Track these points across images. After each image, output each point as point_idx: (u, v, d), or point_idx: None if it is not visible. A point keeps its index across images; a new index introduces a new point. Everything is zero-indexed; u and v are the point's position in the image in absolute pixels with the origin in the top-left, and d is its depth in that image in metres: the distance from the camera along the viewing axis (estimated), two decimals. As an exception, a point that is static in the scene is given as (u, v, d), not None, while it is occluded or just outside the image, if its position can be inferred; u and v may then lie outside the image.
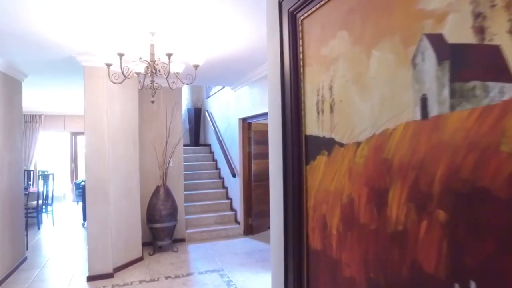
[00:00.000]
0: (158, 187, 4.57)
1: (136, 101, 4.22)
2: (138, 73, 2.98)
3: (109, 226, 3.63)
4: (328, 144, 0.96)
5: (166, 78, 2.76)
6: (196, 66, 2.83)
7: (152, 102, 2.80)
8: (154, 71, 2.74)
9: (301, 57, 1.08)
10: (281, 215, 1.21)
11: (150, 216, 4.44)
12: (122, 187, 3.89)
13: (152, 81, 2.79)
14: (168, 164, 4.67)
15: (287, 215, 1.16)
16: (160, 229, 4.43)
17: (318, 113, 1.01)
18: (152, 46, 2.74)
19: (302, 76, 1.08)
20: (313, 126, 1.03)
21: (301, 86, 1.08)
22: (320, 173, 1.01)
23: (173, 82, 3.03)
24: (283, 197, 1.19)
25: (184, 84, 2.69)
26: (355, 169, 0.86)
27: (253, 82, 4.73)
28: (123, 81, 2.72)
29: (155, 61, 2.72)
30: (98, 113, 3.61)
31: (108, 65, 2.63)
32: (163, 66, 2.75)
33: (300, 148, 1.09)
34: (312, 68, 1.04)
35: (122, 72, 2.54)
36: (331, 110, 0.95)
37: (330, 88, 0.95)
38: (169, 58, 2.58)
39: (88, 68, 3.52)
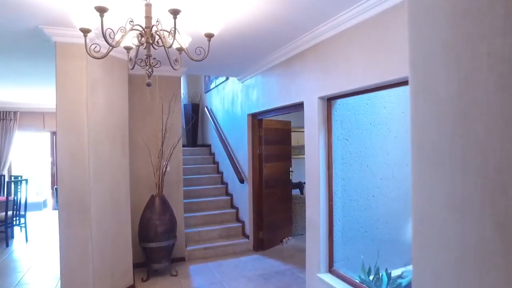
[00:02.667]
0: (152, 198, 3.73)
1: (125, 91, 3.38)
2: (127, 48, 2.15)
3: (90, 253, 2.79)
4: None
5: (167, 49, 1.94)
6: (209, 36, 2.02)
7: (148, 85, 1.98)
8: (151, 41, 1.92)
9: None
10: None
11: (143, 233, 3.61)
12: (107, 201, 3.05)
13: (148, 56, 1.97)
14: (165, 169, 3.84)
15: None
16: (156, 250, 3.59)
17: None
18: (148, 6, 1.92)
19: None
20: None
21: None
22: None
23: (175, 60, 2.21)
24: None
25: (194, 60, 1.87)
26: None
27: (268, 69, 3.93)
28: (106, 54, 1.89)
29: (152, 26, 1.91)
30: (75, 104, 2.76)
31: (85, 32, 1.80)
32: (163, 35, 1.93)
33: None
34: None
35: (104, 37, 1.71)
36: None
37: None
38: (174, 19, 1.76)
39: (61, 44, 2.67)
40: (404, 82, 2.18)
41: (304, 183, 7.78)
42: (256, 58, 3.74)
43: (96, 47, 1.93)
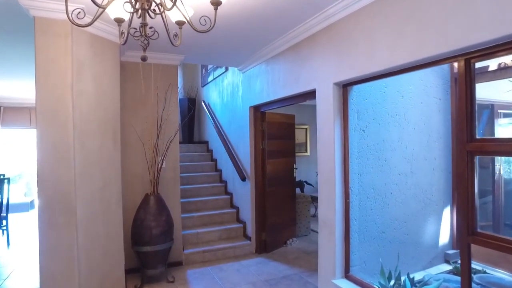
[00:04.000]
0: (147, 196, 3.39)
1: (117, 78, 3.03)
2: (119, 21, 1.82)
3: (75, 259, 2.44)
4: None
5: (166, 20, 1.61)
6: (216, 4, 1.70)
7: (143, 59, 1.65)
8: (146, 7, 1.59)
9: None
10: None
11: (137, 236, 3.26)
12: (96, 201, 2.70)
13: (144, 25, 1.63)
14: (161, 165, 3.49)
15: None
16: (151, 254, 3.25)
17: None
18: (142, -36, 1.59)
19: None
20: None
21: None
22: None
23: (175, 35, 1.88)
24: None
25: (199, 31, 1.52)
26: None
27: (274, 57, 3.62)
28: (94, 21, 1.55)
29: (148, -11, 1.57)
30: (58, 90, 2.41)
31: (65, -6, 1.46)
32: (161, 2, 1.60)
33: None
34: None
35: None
36: None
37: None
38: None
39: (41, 20, 2.32)
40: (443, 60, 1.88)
41: (305, 181, 7.51)
42: (260, 44, 3.42)
43: (80, 12, 1.59)
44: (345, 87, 2.69)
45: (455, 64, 2.31)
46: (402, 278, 2.63)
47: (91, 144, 2.67)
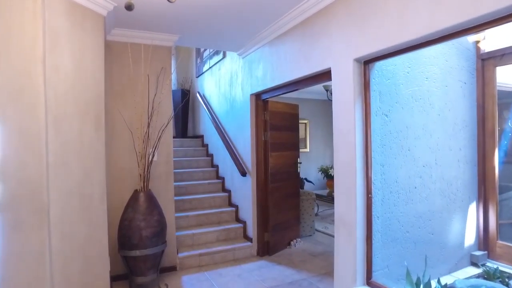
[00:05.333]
0: (136, 193, 2.97)
1: (101, 55, 2.61)
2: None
3: (47, 268, 2.02)
4: None
5: None
6: None
7: (128, 8, 1.25)
8: None
9: None
10: None
11: (124, 238, 2.84)
12: (74, 196, 2.28)
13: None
14: (152, 157, 3.08)
15: None
16: (140, 259, 2.84)
17: None
18: None
19: None
20: None
21: None
22: None
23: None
24: None
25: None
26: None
27: (278, 37, 3.24)
28: None
29: None
30: (24, 63, 1.98)
31: None
32: None
33: None
34: None
35: None
36: None
37: None
38: None
39: (3, -26, 1.89)
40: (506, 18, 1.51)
41: (305, 178, 7.15)
42: (264, 21, 3.04)
43: None
44: (367, 64, 2.33)
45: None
46: (433, 284, 2.28)
47: (68, 129, 2.25)
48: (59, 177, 2.15)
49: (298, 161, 4.41)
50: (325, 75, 2.65)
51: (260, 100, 3.84)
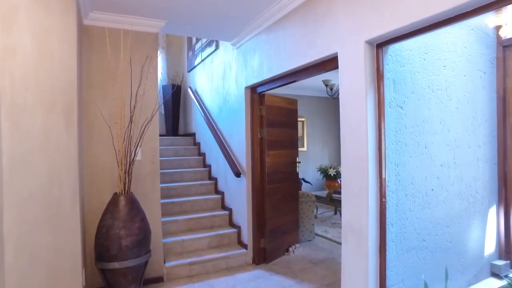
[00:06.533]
0: (115, 197, 2.62)
1: (72, 38, 2.25)
2: None
3: (-2, 290, 1.67)
4: None
5: None
6: None
7: None
8: None
9: None
10: None
11: (101, 249, 2.49)
12: (37, 202, 1.93)
13: None
14: (135, 155, 2.73)
15: None
16: (120, 272, 2.49)
17: None
18: None
19: None
20: None
21: None
22: None
23: None
24: None
25: None
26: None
27: (276, 23, 2.91)
28: None
29: None
30: (-29, 40, 1.63)
31: None
32: None
33: None
34: None
35: None
36: None
37: None
38: None
39: None
40: None
41: (303, 179, 6.83)
42: (259, 5, 2.71)
43: None
44: (380, 47, 2.01)
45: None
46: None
47: (29, 122, 1.89)
48: (16, 180, 1.79)
49: (297, 161, 4.09)
50: (330, 62, 2.33)
51: (255, 94, 3.51)
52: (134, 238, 2.52)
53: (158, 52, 3.25)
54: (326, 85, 5.43)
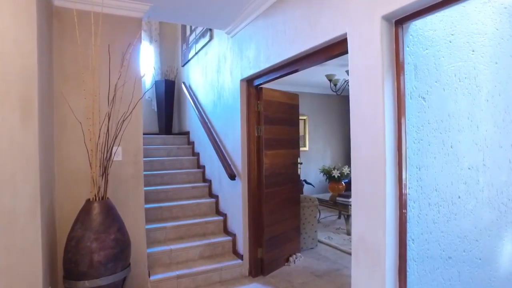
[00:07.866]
0: (88, 204, 2.27)
1: (31, 16, 1.90)
2: None
3: None
4: None
5: None
6: None
7: None
8: None
9: None
10: None
11: (70, 265, 2.13)
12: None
13: None
14: (112, 156, 2.38)
15: None
16: (92, 291, 2.13)
17: None
18: None
19: None
20: None
21: None
22: None
23: None
24: None
25: None
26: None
27: (273, 6, 2.55)
28: None
29: None
30: None
31: None
32: None
33: None
34: None
35: None
36: None
37: None
38: None
39: None
40: None
41: (305, 180, 6.46)
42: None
43: None
44: (399, 24, 1.65)
45: None
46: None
47: (-32, 115, 1.54)
48: None
49: (299, 161, 3.72)
50: (337, 46, 1.97)
51: (252, 87, 3.15)
52: (108, 251, 2.16)
53: (143, 40, 2.90)
54: (330, 80, 5.06)
